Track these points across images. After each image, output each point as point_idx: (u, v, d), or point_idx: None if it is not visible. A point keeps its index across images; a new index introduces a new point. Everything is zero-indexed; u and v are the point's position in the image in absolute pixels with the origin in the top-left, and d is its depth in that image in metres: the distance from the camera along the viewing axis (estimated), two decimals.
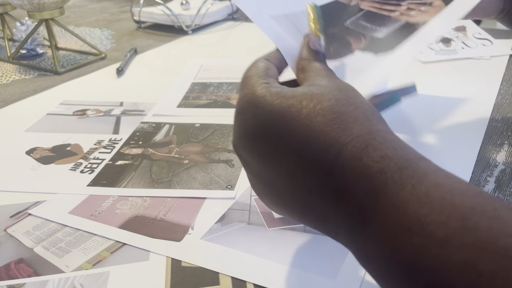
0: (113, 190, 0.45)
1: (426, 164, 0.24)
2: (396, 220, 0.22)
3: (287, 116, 0.27)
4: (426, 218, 0.21)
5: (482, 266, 0.18)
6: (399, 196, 0.22)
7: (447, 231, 0.20)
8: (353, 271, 0.33)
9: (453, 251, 0.19)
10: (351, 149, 0.25)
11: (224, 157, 0.50)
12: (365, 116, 0.27)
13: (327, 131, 0.26)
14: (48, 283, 0.34)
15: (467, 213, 0.20)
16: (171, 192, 0.44)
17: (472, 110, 0.57)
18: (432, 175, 0.23)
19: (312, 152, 0.26)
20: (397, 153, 0.24)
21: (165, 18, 1.00)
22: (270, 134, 0.28)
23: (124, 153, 0.51)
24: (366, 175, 0.24)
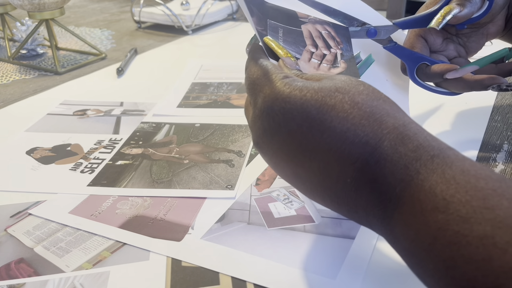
0: (113, 190, 0.45)
1: (455, 153, 0.26)
2: (424, 201, 0.24)
3: (321, 110, 0.27)
4: (452, 198, 0.23)
5: (498, 239, 0.20)
6: (428, 181, 0.24)
7: (468, 209, 0.22)
8: (353, 271, 0.33)
9: (473, 227, 0.21)
10: (389, 140, 0.26)
11: (224, 157, 0.50)
12: (395, 109, 0.28)
13: (364, 124, 0.27)
14: (48, 283, 0.34)
15: (489, 194, 0.22)
16: (171, 192, 0.44)
17: (472, 110, 0.57)
18: (459, 162, 0.24)
19: (350, 145, 0.27)
20: (429, 143, 0.26)
21: (165, 18, 1.00)
22: (304, 130, 0.28)
23: (124, 153, 0.52)
24: (402, 163, 0.25)
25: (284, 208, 0.41)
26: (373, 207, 0.26)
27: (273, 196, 0.43)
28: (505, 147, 0.49)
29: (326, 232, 0.37)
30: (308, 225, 0.38)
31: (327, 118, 0.27)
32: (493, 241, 0.20)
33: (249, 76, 0.33)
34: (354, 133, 0.27)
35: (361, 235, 0.37)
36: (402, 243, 0.25)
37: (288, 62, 0.34)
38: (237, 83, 0.71)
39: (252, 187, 0.44)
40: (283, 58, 0.34)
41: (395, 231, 0.25)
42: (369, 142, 0.26)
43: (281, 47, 0.35)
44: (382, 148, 0.26)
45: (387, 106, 0.28)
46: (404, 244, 0.25)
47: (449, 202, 0.22)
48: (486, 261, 0.20)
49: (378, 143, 0.26)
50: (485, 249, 0.20)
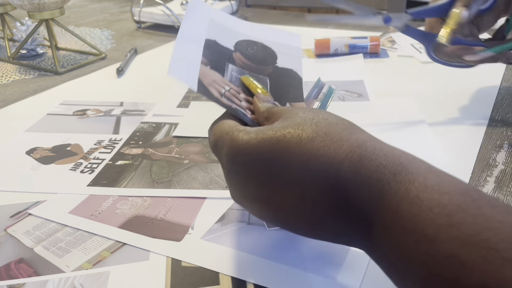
0: (113, 190, 0.45)
1: (417, 166, 0.25)
2: (393, 221, 0.24)
3: (277, 153, 0.28)
4: (417, 217, 0.23)
5: (465, 257, 0.20)
6: (394, 200, 0.24)
7: (434, 228, 0.22)
8: (353, 271, 0.33)
9: (440, 246, 0.21)
10: (348, 164, 0.26)
11: None
12: (347, 131, 0.28)
13: (320, 155, 0.27)
14: (48, 283, 0.34)
15: (453, 211, 0.22)
16: (171, 192, 0.44)
17: (472, 110, 0.57)
18: (422, 177, 0.24)
19: (313, 177, 0.27)
20: (389, 160, 0.26)
21: (165, 18, 1.00)
22: (268, 175, 0.29)
23: (124, 153, 0.52)
24: (367, 185, 0.25)
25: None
26: (353, 230, 0.27)
27: None
28: (505, 147, 0.49)
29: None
30: None
31: (285, 157, 0.28)
32: (460, 260, 0.20)
33: (211, 139, 0.34)
34: (313, 165, 0.27)
35: None
36: (382, 262, 0.26)
37: (261, 96, 0.36)
38: None
39: None
40: (257, 93, 0.36)
41: (376, 252, 0.26)
42: (329, 170, 0.27)
43: (256, 84, 0.37)
44: (343, 174, 0.26)
45: (339, 129, 0.28)
46: (384, 264, 0.25)
47: (415, 221, 0.23)
48: (456, 280, 0.20)
49: (338, 171, 0.26)
50: (453, 268, 0.21)
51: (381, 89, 0.65)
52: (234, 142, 0.30)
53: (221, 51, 0.39)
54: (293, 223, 0.30)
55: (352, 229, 0.27)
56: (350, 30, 0.95)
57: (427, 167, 0.25)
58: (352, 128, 0.29)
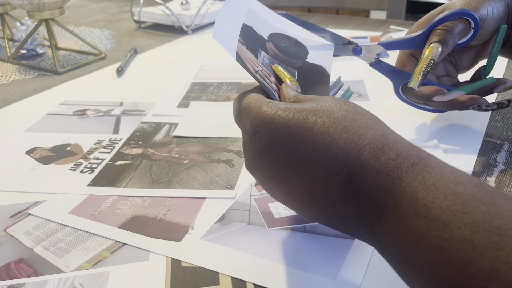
0: (113, 190, 0.45)
1: (434, 160, 0.26)
2: (407, 207, 0.24)
3: (303, 127, 0.29)
4: (432, 203, 0.23)
5: (477, 242, 0.21)
6: (410, 187, 0.25)
7: (448, 214, 0.23)
8: (353, 271, 0.33)
9: (453, 231, 0.22)
10: (369, 150, 0.27)
11: (224, 157, 0.50)
12: (374, 122, 0.29)
13: (345, 137, 0.28)
14: (48, 283, 0.34)
15: (467, 199, 0.23)
16: (171, 192, 0.44)
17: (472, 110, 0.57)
18: (439, 169, 0.25)
19: (333, 158, 0.28)
20: (409, 151, 0.27)
21: (165, 18, 1.00)
22: (289, 147, 0.30)
23: (124, 153, 0.51)
24: (384, 171, 0.26)
25: (284, 208, 0.41)
26: (361, 216, 0.27)
27: None
28: (505, 147, 0.49)
29: (326, 232, 0.37)
30: (308, 225, 0.38)
31: (309, 134, 0.29)
32: (472, 244, 0.21)
33: (236, 107, 0.35)
34: (336, 146, 0.28)
35: None
36: (389, 250, 0.26)
37: (290, 85, 0.36)
38: (237, 83, 0.71)
39: (252, 187, 0.44)
40: (286, 82, 0.37)
41: (382, 239, 0.26)
42: (350, 153, 0.27)
43: (285, 73, 0.38)
44: (363, 158, 0.27)
45: (367, 119, 0.30)
46: (391, 251, 0.26)
47: (429, 207, 0.23)
48: (466, 264, 0.21)
49: (359, 154, 0.27)
50: (465, 252, 0.21)
51: (381, 89, 0.65)
52: (262, 110, 0.32)
53: (256, 37, 0.40)
54: (300, 204, 0.31)
55: (359, 215, 0.27)
56: (350, 30, 0.95)
57: (443, 162, 0.26)
58: (378, 121, 0.30)
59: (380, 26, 0.98)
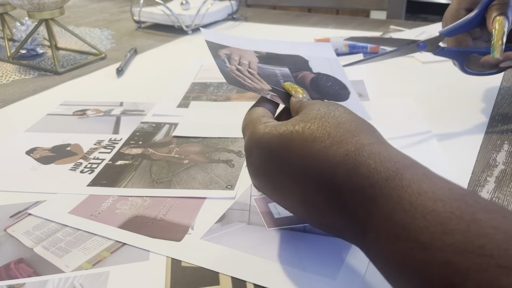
0: (113, 190, 0.45)
1: (412, 172, 0.25)
2: (386, 228, 0.24)
3: (282, 146, 0.30)
4: (410, 224, 0.23)
5: (459, 265, 0.20)
6: (387, 207, 0.24)
7: (428, 236, 0.22)
8: (353, 271, 0.33)
9: (435, 254, 0.21)
10: (342, 168, 0.27)
11: (224, 157, 0.50)
12: (352, 133, 0.29)
13: (318, 156, 0.28)
14: (48, 283, 0.34)
15: (447, 218, 0.22)
16: (171, 192, 0.44)
17: (472, 110, 0.57)
18: (416, 183, 0.24)
19: (310, 179, 0.29)
20: (383, 165, 0.26)
21: (165, 18, 1.00)
22: (274, 166, 0.31)
23: (124, 153, 0.51)
24: (359, 190, 0.26)
25: (284, 208, 0.41)
26: (348, 230, 0.27)
27: None
28: (505, 147, 0.49)
29: (326, 232, 0.37)
30: (308, 225, 0.38)
31: (286, 155, 0.30)
32: (455, 267, 0.20)
33: (243, 122, 0.37)
34: (311, 168, 0.28)
35: None
36: (377, 266, 0.26)
37: (296, 95, 0.38)
38: None
39: (252, 187, 0.44)
40: (293, 93, 0.38)
41: (370, 254, 0.26)
42: (325, 173, 0.28)
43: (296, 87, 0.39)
44: (337, 179, 0.27)
45: (344, 130, 0.29)
46: (379, 267, 0.26)
47: (408, 229, 0.23)
48: (450, 287, 0.20)
49: (333, 173, 0.27)
50: (448, 275, 0.21)
51: (381, 89, 0.65)
52: (253, 133, 0.33)
53: None
54: (301, 215, 0.32)
55: (350, 230, 0.27)
56: (350, 30, 0.95)
57: (424, 173, 0.25)
58: (357, 129, 0.29)
59: (380, 26, 0.98)
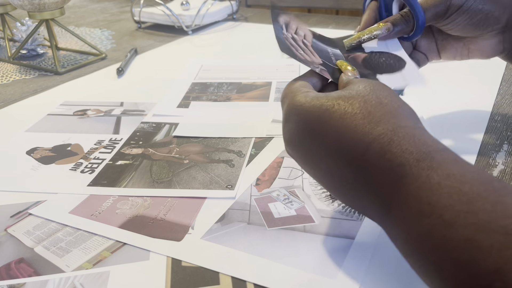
0: (113, 190, 0.45)
1: (443, 156, 0.26)
2: (412, 205, 0.24)
3: (322, 117, 0.31)
4: (436, 203, 0.23)
5: (481, 242, 0.21)
6: (414, 186, 0.25)
7: (452, 214, 0.22)
8: (353, 271, 0.33)
9: (457, 231, 0.22)
10: (376, 145, 0.27)
11: (224, 157, 0.50)
12: (391, 114, 0.29)
13: (355, 131, 0.29)
14: (49, 283, 0.34)
15: (473, 199, 0.23)
16: (171, 192, 0.44)
17: (472, 110, 0.57)
18: (446, 165, 0.25)
19: (344, 149, 0.29)
20: (416, 147, 0.27)
21: (165, 19, 1.00)
22: (309, 135, 0.31)
23: (125, 153, 0.52)
24: (389, 168, 0.26)
25: (284, 208, 0.41)
26: (373, 206, 0.28)
27: (273, 196, 0.43)
28: (505, 147, 0.49)
29: (326, 232, 0.37)
30: (308, 225, 0.38)
31: (326, 126, 0.30)
32: (477, 244, 0.21)
33: (283, 92, 0.37)
34: (345, 141, 0.29)
35: (361, 235, 0.37)
36: (398, 244, 0.26)
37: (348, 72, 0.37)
38: (237, 83, 0.71)
39: (252, 187, 0.44)
40: (346, 70, 0.38)
41: (391, 233, 0.27)
42: (357, 149, 0.28)
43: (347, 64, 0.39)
44: (370, 153, 0.27)
45: (385, 110, 0.29)
46: (400, 245, 0.26)
47: (433, 207, 0.23)
48: (471, 263, 0.21)
49: (366, 148, 0.28)
50: (469, 252, 0.21)
51: None
52: (292, 101, 0.33)
53: None
54: (326, 186, 0.32)
55: (372, 206, 0.28)
56: (350, 30, 0.95)
57: (454, 158, 0.26)
58: (397, 111, 0.30)
59: None
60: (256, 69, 0.76)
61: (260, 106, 0.62)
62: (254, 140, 0.53)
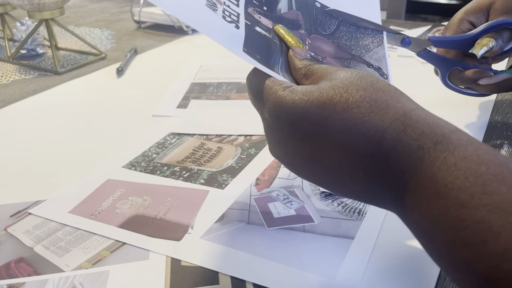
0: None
1: (459, 137, 0.26)
2: (428, 187, 0.25)
3: (323, 114, 0.29)
4: (452, 184, 0.24)
5: (493, 223, 0.21)
6: (432, 168, 0.25)
7: (467, 195, 0.23)
8: (352, 271, 0.34)
9: (471, 212, 0.22)
10: (391, 132, 0.27)
11: None
12: (394, 98, 0.29)
13: (365, 121, 0.28)
14: (48, 282, 0.34)
15: (488, 180, 0.23)
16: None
17: (472, 110, 0.57)
18: (462, 147, 0.25)
19: (356, 143, 0.28)
20: (432, 130, 0.26)
21: (165, 18, 1.00)
22: (311, 136, 0.29)
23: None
24: (407, 153, 0.26)
25: (283, 208, 0.41)
26: (387, 194, 0.28)
27: (272, 196, 0.43)
28: (505, 147, 0.49)
29: (325, 232, 0.38)
30: (307, 225, 0.39)
31: (330, 121, 0.28)
32: (489, 225, 0.21)
33: (251, 90, 0.33)
34: (358, 131, 0.28)
35: (360, 235, 0.37)
36: (412, 226, 0.27)
37: (298, 51, 0.34)
38: (237, 83, 0.71)
39: (252, 187, 0.44)
40: (293, 47, 0.34)
41: (407, 215, 0.27)
42: (373, 139, 0.27)
43: (291, 36, 0.34)
44: (385, 142, 0.27)
45: (387, 96, 0.29)
46: (414, 227, 0.26)
47: (449, 188, 0.24)
48: (481, 243, 0.21)
49: (381, 138, 0.27)
50: (481, 232, 0.22)
51: None
52: (279, 100, 0.30)
53: None
54: (328, 183, 0.31)
55: (386, 194, 0.28)
56: None
57: (468, 139, 0.26)
58: (399, 95, 0.29)
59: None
60: None
61: None
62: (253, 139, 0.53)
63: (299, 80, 0.33)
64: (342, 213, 0.40)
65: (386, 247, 0.36)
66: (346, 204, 0.41)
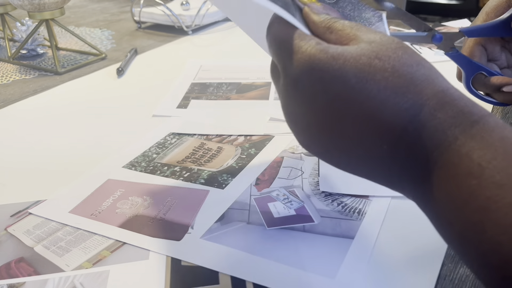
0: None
1: (495, 120, 0.26)
2: (460, 165, 0.24)
3: (361, 79, 0.27)
4: (488, 164, 0.23)
5: None
6: (466, 146, 0.24)
7: (503, 176, 0.22)
8: (352, 271, 0.34)
9: (506, 193, 0.22)
10: (429, 107, 0.26)
11: None
12: (433, 75, 0.28)
13: (404, 92, 0.26)
14: (48, 282, 0.34)
15: None
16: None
17: None
18: (500, 129, 0.25)
19: (390, 114, 0.26)
20: (470, 109, 0.26)
21: (165, 19, 1.00)
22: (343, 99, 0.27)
23: None
24: (441, 129, 0.25)
25: (283, 208, 0.41)
26: (407, 171, 0.27)
27: (272, 196, 0.43)
28: None
29: (325, 232, 0.38)
30: (307, 224, 0.39)
31: (367, 87, 0.26)
32: None
33: (274, 38, 0.30)
34: (394, 101, 0.26)
35: (360, 235, 0.37)
36: (432, 206, 0.26)
37: (314, 6, 0.32)
38: (237, 83, 0.71)
39: (252, 186, 0.44)
40: (308, 3, 0.32)
41: (427, 194, 0.26)
42: (409, 111, 0.26)
43: None
44: (421, 115, 0.26)
45: (427, 71, 0.28)
46: (434, 207, 0.25)
47: (484, 168, 0.23)
48: None
49: (418, 111, 0.26)
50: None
51: None
52: (315, 53, 0.28)
53: None
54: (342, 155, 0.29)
55: (405, 171, 0.27)
56: None
57: (504, 123, 0.26)
58: (436, 72, 0.28)
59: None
60: (255, 69, 0.76)
61: (259, 105, 0.62)
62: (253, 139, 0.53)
63: (322, 35, 0.30)
64: (342, 213, 0.40)
65: (386, 247, 0.36)
66: (346, 204, 0.41)
